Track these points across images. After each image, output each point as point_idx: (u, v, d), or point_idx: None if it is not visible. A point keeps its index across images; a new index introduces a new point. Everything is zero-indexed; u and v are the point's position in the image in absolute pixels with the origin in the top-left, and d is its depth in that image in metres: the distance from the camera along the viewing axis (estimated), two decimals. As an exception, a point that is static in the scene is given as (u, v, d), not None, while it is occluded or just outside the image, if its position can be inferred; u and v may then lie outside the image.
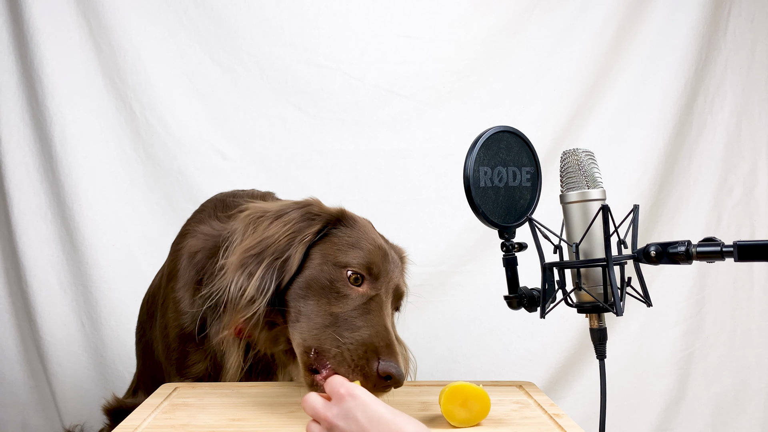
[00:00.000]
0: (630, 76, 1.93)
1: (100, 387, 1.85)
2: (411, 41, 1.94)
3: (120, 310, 1.84)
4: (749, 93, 1.95)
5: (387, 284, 1.02)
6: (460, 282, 1.92)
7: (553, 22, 1.94)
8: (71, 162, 1.85)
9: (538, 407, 1.00)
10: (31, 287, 1.84)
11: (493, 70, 1.95)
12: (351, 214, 1.09)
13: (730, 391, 1.92)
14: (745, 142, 1.96)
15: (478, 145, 0.94)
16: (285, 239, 1.01)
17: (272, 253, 1.00)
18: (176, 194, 1.90)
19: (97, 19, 1.87)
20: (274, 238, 1.01)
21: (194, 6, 1.91)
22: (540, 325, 1.84)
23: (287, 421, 0.94)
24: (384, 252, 1.05)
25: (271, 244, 1.01)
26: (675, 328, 1.93)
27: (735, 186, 1.95)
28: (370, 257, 1.01)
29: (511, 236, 1.00)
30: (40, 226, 1.86)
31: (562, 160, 0.97)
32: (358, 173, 1.93)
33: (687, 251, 0.86)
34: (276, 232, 1.02)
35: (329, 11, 1.94)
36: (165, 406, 1.01)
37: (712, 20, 1.91)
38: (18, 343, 1.90)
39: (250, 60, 1.92)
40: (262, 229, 1.04)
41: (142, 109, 1.89)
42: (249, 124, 1.93)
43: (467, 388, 0.90)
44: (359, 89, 1.94)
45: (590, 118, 1.93)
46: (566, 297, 0.96)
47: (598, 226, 0.92)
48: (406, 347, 1.14)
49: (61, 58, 1.85)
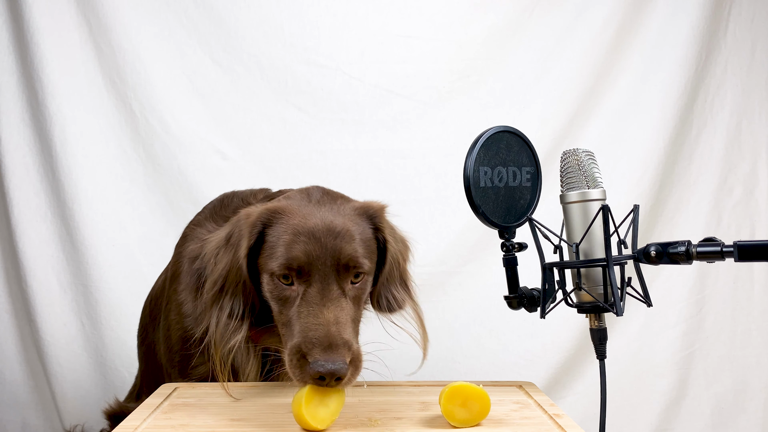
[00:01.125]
0: (630, 76, 1.93)
1: (100, 387, 1.85)
2: (411, 41, 1.94)
3: (120, 310, 1.84)
4: (749, 93, 1.95)
5: (322, 267, 0.96)
6: (460, 282, 1.92)
7: (553, 22, 1.94)
8: (71, 162, 1.85)
9: (538, 407, 1.00)
10: (31, 287, 1.84)
11: (493, 70, 1.95)
12: (278, 207, 1.03)
13: (730, 391, 1.92)
14: (745, 142, 1.96)
15: (478, 145, 0.95)
16: (233, 265, 1.02)
17: (231, 282, 1.03)
18: (176, 194, 1.90)
19: (97, 19, 1.87)
20: (226, 269, 1.03)
21: (194, 6, 1.91)
22: (540, 325, 1.83)
23: (287, 421, 0.94)
24: (309, 234, 0.98)
25: (226, 274, 1.03)
26: (675, 328, 1.93)
27: (735, 186, 1.95)
28: (290, 252, 0.97)
29: (511, 236, 1.00)
30: (40, 226, 1.86)
31: (562, 160, 0.97)
32: (358, 173, 1.93)
33: (687, 251, 0.87)
34: (226, 260, 1.04)
35: (329, 11, 1.94)
36: (165, 407, 1.01)
37: (712, 20, 1.92)
38: (18, 343, 1.90)
39: (250, 60, 1.92)
40: (218, 260, 1.06)
41: (142, 109, 1.89)
42: (249, 124, 1.93)
43: (467, 388, 0.90)
44: (359, 89, 1.94)
45: (590, 118, 1.93)
46: (566, 297, 0.96)
47: (598, 226, 0.92)
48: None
49: (61, 58, 1.85)
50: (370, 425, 0.91)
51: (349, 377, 0.91)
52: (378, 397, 1.06)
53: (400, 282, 1.10)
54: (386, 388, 1.13)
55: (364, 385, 1.10)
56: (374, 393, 1.09)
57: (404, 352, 1.10)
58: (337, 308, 0.95)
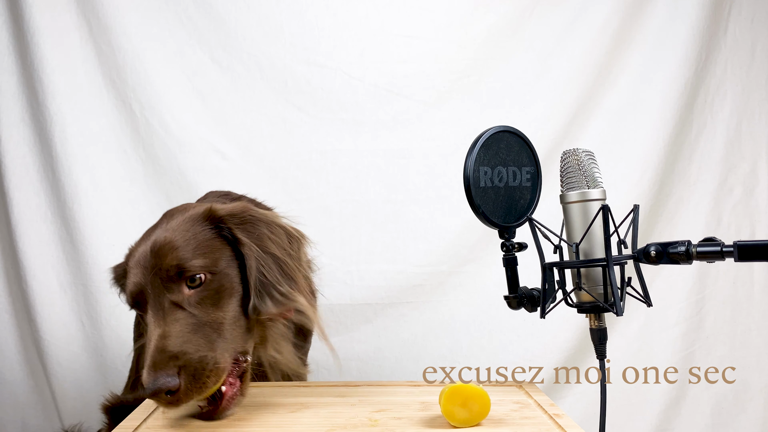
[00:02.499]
0: (630, 76, 1.93)
1: (100, 387, 1.85)
2: (411, 41, 1.94)
3: (120, 310, 1.83)
4: (749, 93, 1.95)
5: (152, 290, 0.97)
6: (460, 282, 1.92)
7: (553, 22, 1.94)
8: (71, 162, 1.85)
9: (538, 407, 1.00)
10: (31, 287, 1.84)
11: (493, 70, 1.95)
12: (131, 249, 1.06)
13: (730, 391, 1.92)
14: (745, 142, 1.96)
15: (478, 145, 0.95)
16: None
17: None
18: (176, 194, 1.89)
19: (97, 19, 1.87)
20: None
21: (194, 6, 1.91)
22: (540, 325, 1.84)
23: (287, 421, 0.94)
24: (136, 264, 1.00)
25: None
26: (675, 328, 1.93)
27: (735, 186, 1.95)
28: (127, 289, 1.01)
29: (511, 236, 1.00)
30: (40, 226, 1.86)
31: (562, 160, 0.97)
32: (358, 173, 1.93)
33: (687, 251, 0.87)
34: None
35: (329, 11, 1.94)
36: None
37: (712, 20, 1.91)
38: (18, 343, 1.90)
39: (250, 60, 1.92)
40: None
41: (142, 109, 1.89)
42: (249, 124, 1.93)
43: (467, 388, 0.90)
44: (359, 89, 1.94)
45: (590, 118, 1.93)
46: (566, 297, 0.96)
47: (598, 226, 0.92)
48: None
49: (61, 58, 1.85)
50: (370, 425, 0.91)
51: (186, 388, 0.89)
52: (378, 397, 1.06)
53: (282, 276, 1.04)
54: (386, 388, 1.13)
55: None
56: (374, 393, 1.09)
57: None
58: (169, 322, 0.94)
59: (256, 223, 1.05)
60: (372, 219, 1.92)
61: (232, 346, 0.97)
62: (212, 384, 0.92)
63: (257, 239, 1.03)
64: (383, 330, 1.90)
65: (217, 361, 0.93)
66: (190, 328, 0.94)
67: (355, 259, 1.90)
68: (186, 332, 0.93)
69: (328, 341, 1.08)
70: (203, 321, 0.95)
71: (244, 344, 1.00)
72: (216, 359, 0.92)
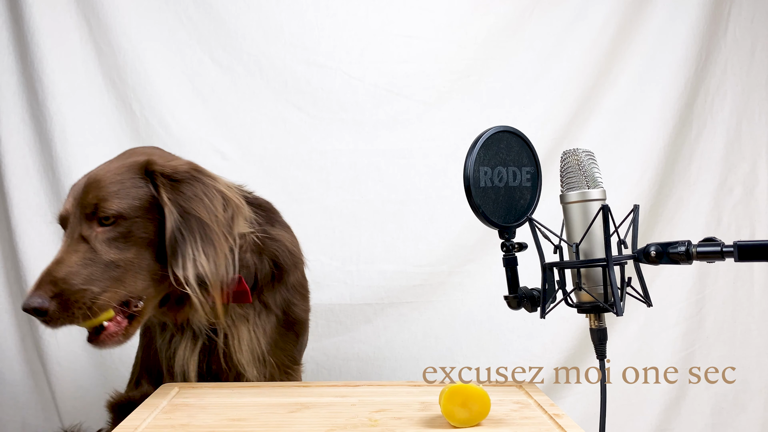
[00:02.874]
0: (630, 76, 1.93)
1: (100, 387, 1.85)
2: (411, 41, 1.94)
3: (120, 310, 1.84)
4: (749, 93, 1.95)
5: (72, 218, 1.06)
6: (460, 282, 1.92)
7: (553, 22, 1.94)
8: (71, 162, 1.85)
9: (538, 407, 1.00)
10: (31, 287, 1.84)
11: (493, 70, 1.95)
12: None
13: (730, 391, 1.92)
14: (745, 142, 1.96)
15: (478, 145, 0.95)
16: None
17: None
18: (176, 194, 1.89)
19: (97, 19, 1.87)
20: None
21: (194, 6, 1.91)
22: (540, 325, 1.85)
23: (287, 421, 0.94)
24: (71, 192, 1.11)
25: None
26: (675, 328, 1.93)
27: (735, 186, 1.95)
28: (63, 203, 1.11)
29: (511, 236, 1.00)
30: (40, 226, 1.86)
31: (562, 160, 0.97)
32: (358, 173, 1.93)
33: (687, 251, 0.87)
34: None
35: (329, 11, 1.94)
36: (165, 406, 1.01)
37: (712, 20, 1.92)
38: (18, 343, 1.90)
39: (250, 60, 1.92)
40: None
41: (142, 109, 1.89)
42: (249, 124, 1.93)
43: (467, 388, 0.90)
44: (359, 89, 1.94)
45: (590, 118, 1.93)
46: (566, 297, 0.96)
47: (598, 226, 0.92)
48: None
49: (61, 58, 1.85)
50: (370, 425, 0.91)
51: (54, 312, 0.97)
52: (378, 397, 1.06)
53: (201, 239, 1.06)
54: (386, 388, 1.13)
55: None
56: (374, 393, 1.09)
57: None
58: (69, 252, 1.02)
59: (192, 183, 1.11)
60: (372, 219, 1.92)
61: (124, 290, 1.03)
62: (80, 316, 0.98)
63: (185, 199, 1.08)
64: (383, 330, 1.90)
65: (97, 297, 0.99)
66: (84, 262, 1.01)
67: (355, 259, 1.90)
68: (78, 264, 1.01)
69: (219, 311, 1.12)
70: (104, 259, 1.02)
71: (142, 291, 1.06)
72: (96, 295, 0.99)
